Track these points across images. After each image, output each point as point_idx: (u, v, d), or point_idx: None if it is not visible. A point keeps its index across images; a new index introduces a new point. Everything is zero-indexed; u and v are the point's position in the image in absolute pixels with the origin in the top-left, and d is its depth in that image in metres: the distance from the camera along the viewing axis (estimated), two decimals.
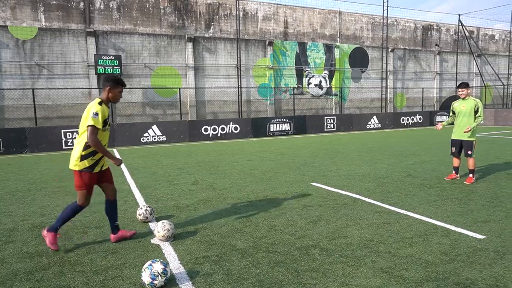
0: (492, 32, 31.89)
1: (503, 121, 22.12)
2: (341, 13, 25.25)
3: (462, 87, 6.77)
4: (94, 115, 3.69)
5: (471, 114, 6.64)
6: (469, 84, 6.91)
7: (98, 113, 3.72)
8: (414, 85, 25.92)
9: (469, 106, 6.67)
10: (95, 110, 3.72)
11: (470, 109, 6.65)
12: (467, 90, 6.74)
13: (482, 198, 5.61)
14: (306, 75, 22.03)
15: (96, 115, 3.70)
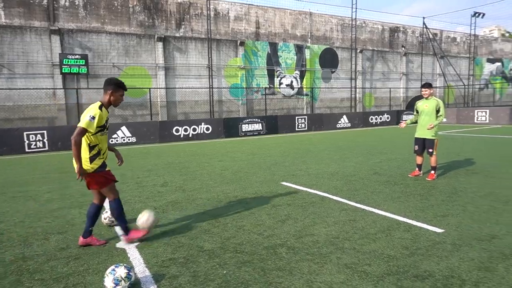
0: (454, 35, 33.39)
1: (464, 119, 23.20)
2: (312, 14, 25.65)
3: (425, 87, 7.05)
4: (90, 118, 3.67)
5: (433, 113, 6.92)
6: (431, 84, 7.21)
7: (95, 117, 3.69)
8: (382, 85, 26.70)
9: (431, 106, 6.95)
10: (93, 114, 3.70)
11: (432, 108, 6.93)
12: (430, 90, 7.03)
13: (442, 194, 5.87)
14: (278, 75, 22.22)
15: (92, 118, 3.68)
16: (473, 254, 3.58)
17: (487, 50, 36.20)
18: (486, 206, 5.11)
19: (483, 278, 3.09)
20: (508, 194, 5.72)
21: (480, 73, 33.07)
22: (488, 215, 4.75)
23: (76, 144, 3.62)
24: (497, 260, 3.42)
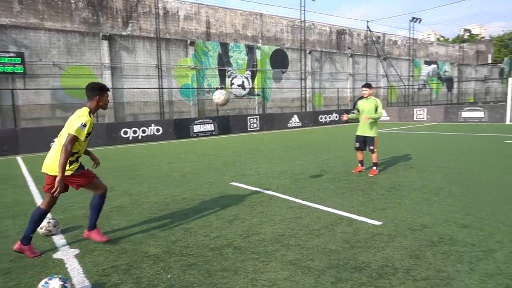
0: (395, 38, 35.47)
1: (405, 117, 24.73)
2: (262, 15, 25.94)
3: (366, 87, 7.45)
4: (82, 125, 3.67)
5: (372, 112, 7.31)
6: (371, 85, 7.62)
7: (86, 125, 3.71)
8: (330, 85, 27.68)
9: (371, 105, 7.33)
10: (84, 121, 3.70)
11: (372, 108, 7.32)
12: (370, 90, 7.42)
13: (382, 188, 6.22)
14: (229, 75, 22.22)
15: (83, 126, 3.69)
16: (406, 243, 3.83)
17: (424, 53, 38.88)
18: (420, 198, 5.50)
19: (414, 265, 3.32)
20: (438, 186, 6.20)
21: (418, 74, 35.43)
22: (421, 206, 5.11)
23: (68, 152, 3.57)
24: (426, 248, 3.70)
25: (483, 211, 4.81)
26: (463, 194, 5.67)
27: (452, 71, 40.28)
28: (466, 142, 12.22)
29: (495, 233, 4.04)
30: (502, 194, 5.57)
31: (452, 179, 6.68)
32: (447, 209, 4.93)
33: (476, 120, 21.68)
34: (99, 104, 3.93)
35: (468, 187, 6.06)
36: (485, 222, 4.39)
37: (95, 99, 3.87)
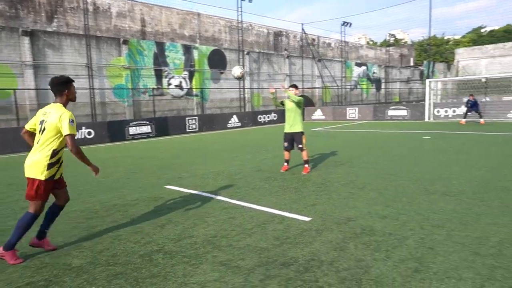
0: (329, 41, 37.23)
1: (338, 116, 26.10)
2: (200, 15, 25.67)
3: (292, 87, 7.76)
4: (71, 122, 3.64)
5: (297, 110, 7.65)
6: (297, 86, 7.99)
7: (73, 120, 3.70)
8: (268, 86, 28.22)
9: (294, 103, 7.66)
10: (71, 117, 3.65)
11: (296, 106, 7.66)
12: (296, 90, 7.74)
13: (313, 185, 6.51)
14: (166, 75, 21.65)
15: (72, 122, 3.66)
16: (332, 236, 4.05)
17: (355, 55, 41.32)
18: (347, 193, 5.85)
19: (337, 257, 3.53)
20: (364, 181, 6.64)
21: (350, 75, 37.56)
22: (348, 200, 5.43)
23: (78, 151, 3.71)
24: (350, 240, 3.94)
25: (400, 202, 5.25)
26: (385, 187, 6.14)
27: (380, 73, 43.31)
28: (391, 139, 13.22)
29: (409, 221, 4.43)
30: (416, 185, 6.13)
31: (376, 174, 7.19)
32: (370, 202, 5.29)
33: (400, 118, 23.55)
34: (69, 98, 3.84)
35: (389, 180, 6.57)
36: (401, 212, 4.80)
37: (64, 94, 3.79)
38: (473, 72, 57.91)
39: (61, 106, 3.72)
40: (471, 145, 10.77)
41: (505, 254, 3.44)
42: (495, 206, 4.89)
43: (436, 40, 75.59)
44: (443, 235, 3.95)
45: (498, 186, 5.87)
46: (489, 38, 67.06)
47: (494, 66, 56.86)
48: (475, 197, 5.34)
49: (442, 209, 4.83)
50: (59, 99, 3.79)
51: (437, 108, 22.42)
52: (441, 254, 3.50)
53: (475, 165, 7.64)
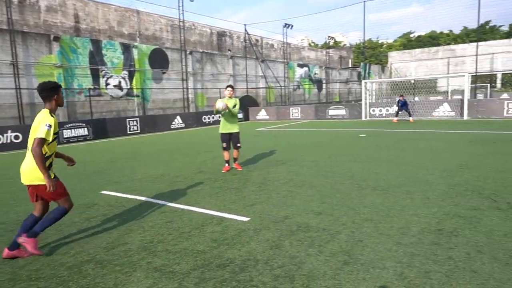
0: (272, 42, 37.95)
1: (282, 116, 26.70)
2: (139, 13, 24.79)
3: (230, 87, 7.86)
4: (47, 126, 3.61)
5: (234, 112, 7.76)
6: (233, 86, 8.13)
7: (51, 125, 3.64)
8: (212, 86, 28.06)
9: (231, 104, 7.76)
10: (49, 122, 3.63)
11: (231, 106, 7.75)
12: (232, 91, 7.83)
13: (254, 185, 6.58)
14: (103, 75, 20.57)
15: (49, 127, 3.62)
16: (269, 235, 4.13)
17: (298, 56, 42.56)
18: (286, 191, 6.00)
19: (273, 255, 3.60)
20: (303, 179, 6.86)
21: (293, 76, 38.60)
22: (286, 199, 5.57)
23: (39, 155, 3.53)
24: (286, 237, 4.05)
25: (335, 198, 5.49)
26: (322, 184, 6.39)
27: (321, 74, 45.03)
28: (330, 137, 13.81)
29: (342, 216, 4.66)
30: (351, 182, 6.46)
31: (315, 172, 7.47)
32: (307, 200, 5.48)
33: (340, 117, 24.68)
34: (58, 103, 3.87)
35: (326, 178, 6.86)
36: (335, 208, 5.03)
37: (53, 99, 3.81)
38: (404, 74, 62.55)
39: (47, 112, 3.73)
40: (401, 142, 11.60)
41: (424, 242, 3.75)
42: (417, 198, 5.31)
43: (371, 43, 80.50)
44: (371, 228, 4.21)
45: (422, 180, 6.38)
46: (417, 43, 72.80)
47: (422, 69, 61.95)
48: (401, 190, 5.76)
49: (372, 203, 5.14)
50: (48, 104, 3.80)
51: (373, 108, 23.84)
52: (369, 245, 3.73)
53: (403, 161, 8.24)
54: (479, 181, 6.10)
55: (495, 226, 4.10)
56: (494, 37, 62.55)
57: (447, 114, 21.09)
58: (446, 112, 21.11)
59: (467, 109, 20.46)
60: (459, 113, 20.69)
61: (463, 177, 6.42)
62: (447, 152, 9.09)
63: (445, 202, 5.03)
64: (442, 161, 7.94)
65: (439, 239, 3.82)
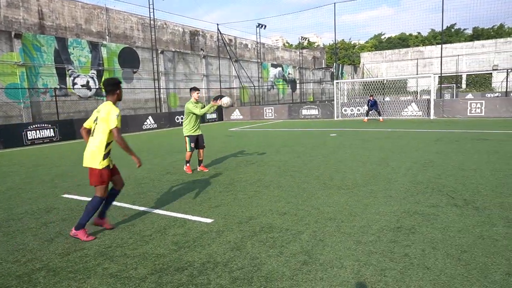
0: (246, 42, 37.91)
1: (256, 116, 26.73)
2: (108, 10, 24.15)
3: (194, 90, 7.79)
4: (117, 115, 4.12)
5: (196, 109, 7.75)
6: (198, 88, 8.10)
7: (118, 114, 4.15)
8: (185, 86, 27.71)
9: (199, 107, 7.76)
10: (117, 112, 4.15)
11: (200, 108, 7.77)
12: (196, 92, 7.77)
13: (221, 185, 6.53)
14: (70, 74, 19.89)
15: (117, 116, 4.13)
16: (231, 237, 4.09)
17: (272, 56, 42.74)
18: (252, 192, 5.98)
19: (233, 257, 3.56)
20: (270, 179, 6.87)
21: (267, 76, 38.72)
22: (252, 199, 5.55)
23: (123, 142, 4.15)
24: (248, 238, 4.02)
25: (300, 198, 5.52)
26: (289, 184, 6.42)
27: (295, 74, 45.42)
28: (301, 137, 13.92)
29: (306, 216, 4.68)
30: (317, 181, 6.52)
31: (283, 172, 7.49)
32: (273, 200, 5.48)
33: (313, 117, 24.98)
34: (119, 97, 4.34)
35: (294, 178, 6.89)
36: (300, 207, 5.05)
37: (115, 93, 4.29)
38: (376, 74, 64.14)
39: (111, 104, 4.22)
40: (369, 141, 11.85)
41: (382, 240, 3.82)
42: (380, 196, 5.42)
43: (344, 44, 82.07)
44: (333, 227, 4.25)
45: (386, 178, 6.53)
46: (388, 44, 74.83)
47: (392, 69, 63.73)
48: (366, 189, 5.86)
49: (337, 202, 5.20)
50: (110, 97, 4.28)
51: (345, 107, 24.28)
52: (329, 245, 3.76)
53: (369, 160, 8.41)
54: (441, 178, 6.30)
55: (451, 222, 4.24)
56: (459, 40, 65.21)
57: (415, 113, 21.78)
58: (414, 112, 21.79)
59: (433, 108, 21.19)
60: (426, 112, 21.40)
61: (426, 175, 6.62)
62: (412, 151, 9.36)
63: (406, 200, 5.16)
64: (407, 160, 8.16)
65: (397, 236, 3.90)
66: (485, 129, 13.66)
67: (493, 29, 67.67)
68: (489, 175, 6.36)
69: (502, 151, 8.74)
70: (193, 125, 7.83)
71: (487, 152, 8.66)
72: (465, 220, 4.29)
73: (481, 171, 6.70)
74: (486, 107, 19.93)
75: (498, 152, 8.72)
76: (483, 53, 55.39)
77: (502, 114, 19.43)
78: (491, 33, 66.56)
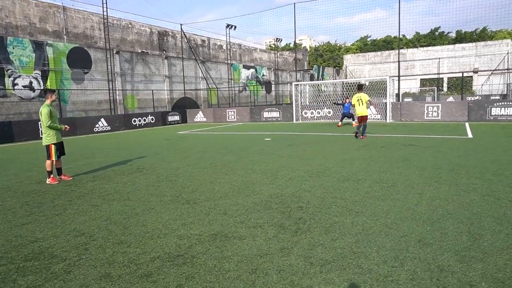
0: (221, 43, 37.22)
1: (219, 118, 26.18)
2: (66, 9, 23.43)
3: (48, 92, 7.20)
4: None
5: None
6: (54, 90, 7.45)
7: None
8: (144, 87, 27.06)
9: (56, 111, 7.23)
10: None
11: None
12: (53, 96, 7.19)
13: (62, 197, 5.89)
14: (10, 74, 19.13)
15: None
16: None
17: (249, 58, 42.13)
18: (87, 206, 5.35)
19: None
20: (129, 191, 6.24)
21: (238, 78, 38.09)
22: (59, 217, 4.92)
23: None
24: None
25: (123, 215, 4.90)
26: (139, 197, 5.80)
27: (270, 75, 44.88)
28: (232, 141, 13.30)
29: (106, 236, 4.06)
30: (174, 192, 5.91)
31: (154, 180, 6.87)
32: (70, 221, 4.85)
33: (274, 119, 24.43)
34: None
35: (157, 189, 6.28)
36: (101, 227, 4.43)
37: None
38: (359, 76, 63.91)
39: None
40: (293, 145, 11.24)
41: None
42: (214, 213, 4.82)
43: (329, 46, 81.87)
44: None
45: (246, 189, 5.94)
46: (372, 47, 74.73)
47: (375, 72, 63.52)
48: (210, 203, 5.25)
49: (158, 219, 4.59)
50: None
51: (305, 110, 23.75)
52: None
53: (259, 167, 7.80)
54: (285, 195, 5.72)
55: (261, 244, 3.63)
56: (443, 43, 65.22)
57: (373, 117, 21.26)
58: (372, 115, 21.21)
59: (391, 112, 20.74)
60: (384, 116, 20.93)
61: (288, 190, 6.04)
62: (319, 158, 8.79)
63: (234, 217, 4.56)
64: (303, 169, 7.58)
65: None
66: (423, 134, 13.17)
67: (475, 32, 67.79)
68: (366, 186, 5.80)
69: (412, 159, 8.22)
70: (57, 132, 7.20)
71: (396, 160, 8.13)
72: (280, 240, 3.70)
73: (363, 182, 6.14)
74: (442, 111, 19.53)
75: (408, 159, 8.19)
76: (463, 56, 55.34)
77: (458, 118, 19.03)
78: (474, 36, 66.64)
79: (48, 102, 7.08)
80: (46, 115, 6.94)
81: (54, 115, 7.12)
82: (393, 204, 4.88)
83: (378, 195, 5.34)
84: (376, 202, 5.01)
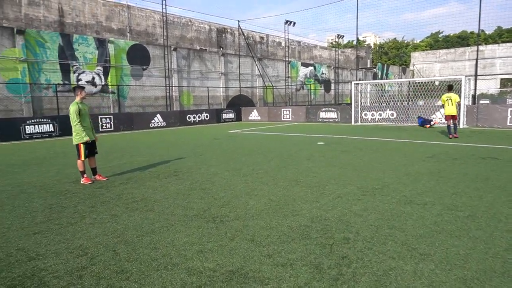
0: (279, 40, 36.44)
1: (274, 117, 25.40)
2: (130, 8, 24.26)
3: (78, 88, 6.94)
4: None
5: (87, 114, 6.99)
6: (83, 87, 7.14)
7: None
8: (200, 84, 27.13)
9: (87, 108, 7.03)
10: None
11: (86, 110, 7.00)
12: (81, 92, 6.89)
13: (94, 202, 5.48)
14: (75, 70, 20.09)
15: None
16: None
17: (308, 55, 40.83)
18: (108, 216, 4.86)
19: None
20: (158, 198, 5.68)
21: (296, 75, 36.95)
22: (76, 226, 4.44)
23: None
24: None
25: (139, 229, 4.30)
26: (161, 208, 5.20)
27: (329, 74, 43.05)
28: (283, 144, 12.42)
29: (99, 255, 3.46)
30: (203, 201, 5.23)
31: (191, 189, 6.27)
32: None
33: (331, 120, 23.07)
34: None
35: (185, 198, 5.65)
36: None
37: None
38: (428, 75, 59.08)
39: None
40: (347, 152, 10.08)
41: None
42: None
43: (396, 43, 77.01)
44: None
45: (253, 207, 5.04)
46: (444, 43, 68.81)
47: (447, 70, 58.27)
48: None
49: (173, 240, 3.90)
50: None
51: (365, 111, 22.06)
52: None
53: (301, 178, 6.85)
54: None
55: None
56: None
57: (443, 120, 18.96)
58: (442, 118, 18.92)
59: (465, 116, 18.38)
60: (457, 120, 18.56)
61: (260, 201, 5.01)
62: (376, 169, 7.58)
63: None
64: (340, 187, 6.49)
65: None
66: (507, 144, 11.17)
67: None
68: (435, 214, 4.62)
69: (495, 178, 6.71)
70: (88, 128, 6.92)
71: (474, 178, 6.69)
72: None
73: (431, 207, 4.95)
74: None
75: (489, 178, 6.71)
76: None
77: None
78: None
79: (78, 99, 6.80)
80: (74, 114, 6.65)
81: (84, 112, 6.83)
82: (473, 246, 3.68)
83: (451, 229, 4.15)
84: (448, 240, 3.83)
